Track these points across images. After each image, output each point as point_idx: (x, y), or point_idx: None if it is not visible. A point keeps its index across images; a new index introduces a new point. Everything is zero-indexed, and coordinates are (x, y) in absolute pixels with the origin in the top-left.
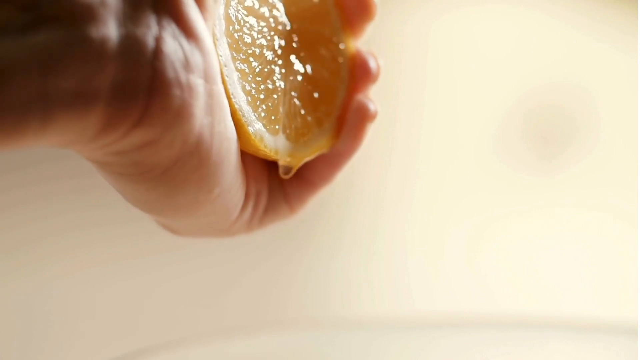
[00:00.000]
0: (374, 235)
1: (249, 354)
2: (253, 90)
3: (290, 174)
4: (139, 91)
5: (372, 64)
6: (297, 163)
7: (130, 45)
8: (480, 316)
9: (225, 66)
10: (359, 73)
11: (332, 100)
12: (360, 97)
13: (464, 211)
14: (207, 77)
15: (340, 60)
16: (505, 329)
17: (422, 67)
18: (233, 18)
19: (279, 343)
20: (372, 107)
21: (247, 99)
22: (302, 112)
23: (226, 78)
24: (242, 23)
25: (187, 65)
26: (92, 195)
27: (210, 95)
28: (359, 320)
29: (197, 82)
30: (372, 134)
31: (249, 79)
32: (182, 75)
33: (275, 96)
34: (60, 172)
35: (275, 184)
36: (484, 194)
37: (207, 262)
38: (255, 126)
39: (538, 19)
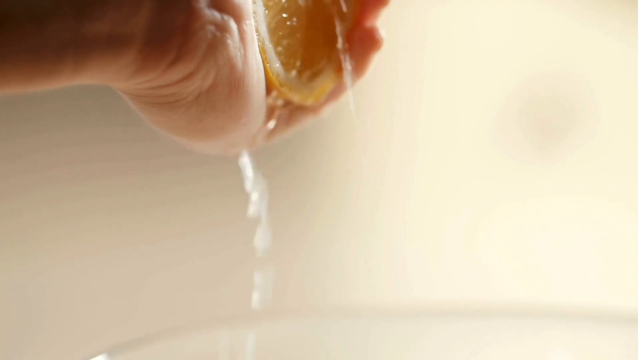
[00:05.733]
0: (373, 223)
1: (247, 343)
2: (277, 27)
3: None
4: (175, 31)
5: None
6: (313, 102)
7: None
8: (479, 304)
9: (254, 2)
10: None
11: (340, 30)
12: (366, 25)
13: (462, 199)
14: (240, 11)
15: None
16: (504, 317)
17: (419, 54)
18: None
19: (277, 331)
20: (377, 35)
21: (270, 36)
22: (319, 47)
23: (252, 14)
24: None
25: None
26: (88, 183)
27: (242, 29)
28: (358, 308)
29: (230, 16)
30: (370, 122)
31: (275, 14)
32: (216, 11)
33: (298, 35)
34: (56, 160)
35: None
36: (482, 182)
37: (205, 250)
38: (274, 64)
39: (536, 6)
